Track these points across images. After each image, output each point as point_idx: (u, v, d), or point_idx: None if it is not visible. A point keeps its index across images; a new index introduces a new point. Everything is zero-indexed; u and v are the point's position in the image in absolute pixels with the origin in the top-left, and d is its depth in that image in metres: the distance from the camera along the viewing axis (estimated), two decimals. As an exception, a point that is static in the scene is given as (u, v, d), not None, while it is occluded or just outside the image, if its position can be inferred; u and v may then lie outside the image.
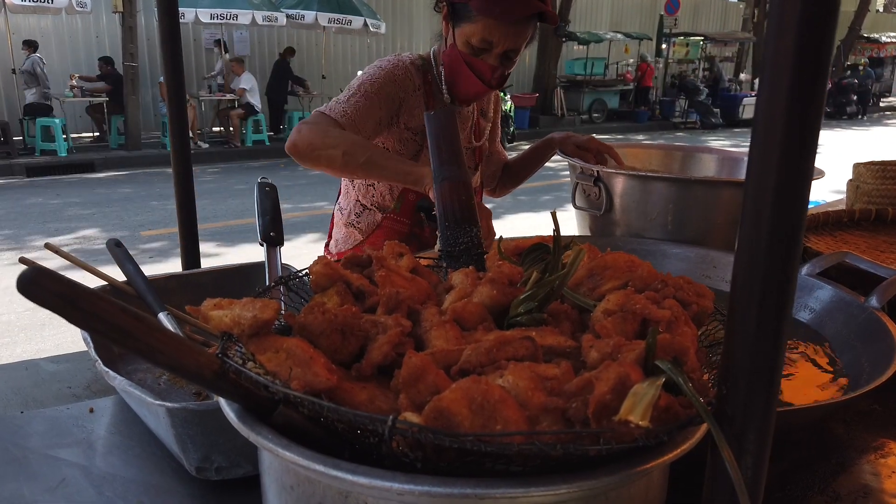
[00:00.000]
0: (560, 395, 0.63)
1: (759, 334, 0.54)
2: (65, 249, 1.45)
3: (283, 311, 0.89)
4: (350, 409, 0.60)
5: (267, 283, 1.10)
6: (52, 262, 1.43)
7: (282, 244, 1.32)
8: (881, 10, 33.73)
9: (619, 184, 2.01)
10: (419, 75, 1.92)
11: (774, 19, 0.52)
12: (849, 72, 25.59)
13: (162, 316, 1.27)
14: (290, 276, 0.98)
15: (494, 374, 0.68)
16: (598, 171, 2.01)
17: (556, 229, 0.85)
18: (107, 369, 1.11)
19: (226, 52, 13.95)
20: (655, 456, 0.62)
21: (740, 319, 0.55)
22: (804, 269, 1.74)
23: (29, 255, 1.38)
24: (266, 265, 1.27)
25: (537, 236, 1.06)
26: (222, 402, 0.72)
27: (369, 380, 0.76)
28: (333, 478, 0.61)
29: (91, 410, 1.26)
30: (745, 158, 2.00)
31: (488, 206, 1.65)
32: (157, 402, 0.99)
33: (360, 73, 1.95)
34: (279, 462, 0.71)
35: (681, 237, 1.96)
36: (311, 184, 10.35)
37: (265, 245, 1.30)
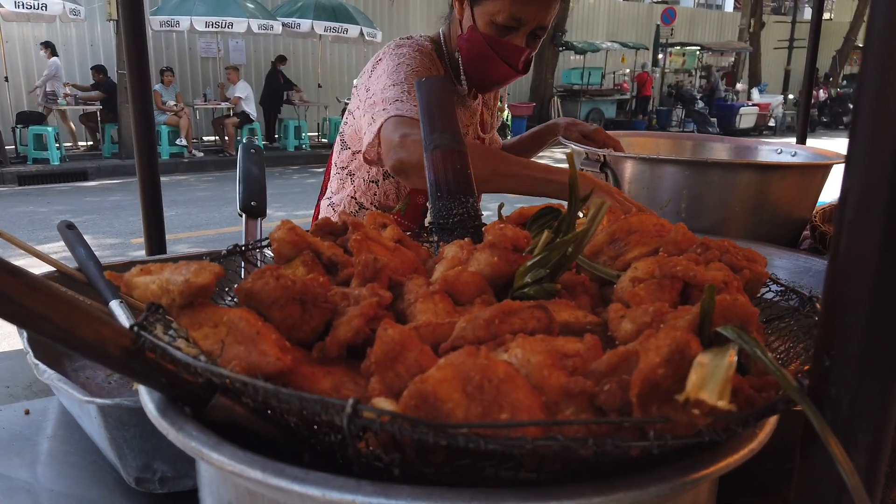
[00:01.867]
0: (587, 376, 0.47)
1: (884, 272, 0.37)
2: (53, 256, 1.28)
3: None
4: (295, 392, 0.44)
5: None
6: (39, 269, 1.27)
7: (264, 216, 1.15)
8: (876, 21, 33.85)
9: (627, 169, 1.85)
10: (440, 61, 1.76)
11: None
12: (845, 82, 25.62)
13: (114, 304, 1.10)
14: (248, 245, 0.82)
15: (497, 350, 0.52)
16: (604, 156, 1.85)
17: (573, 174, 0.69)
18: (37, 361, 0.94)
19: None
20: (716, 457, 0.46)
21: (852, 253, 0.38)
22: (833, 259, 1.58)
23: (21, 264, 1.22)
24: (244, 238, 1.10)
25: (545, 203, 0.90)
26: (142, 390, 0.56)
27: (336, 363, 0.59)
28: (276, 489, 0.44)
29: (27, 412, 1.09)
30: (759, 147, 1.84)
31: (485, 211, 1.47)
32: (86, 398, 0.82)
33: (385, 59, 1.70)
34: (215, 470, 0.54)
35: (696, 225, 1.78)
36: (305, 191, 10.19)
37: (244, 216, 1.12)
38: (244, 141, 1.21)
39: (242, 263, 0.84)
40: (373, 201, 1.85)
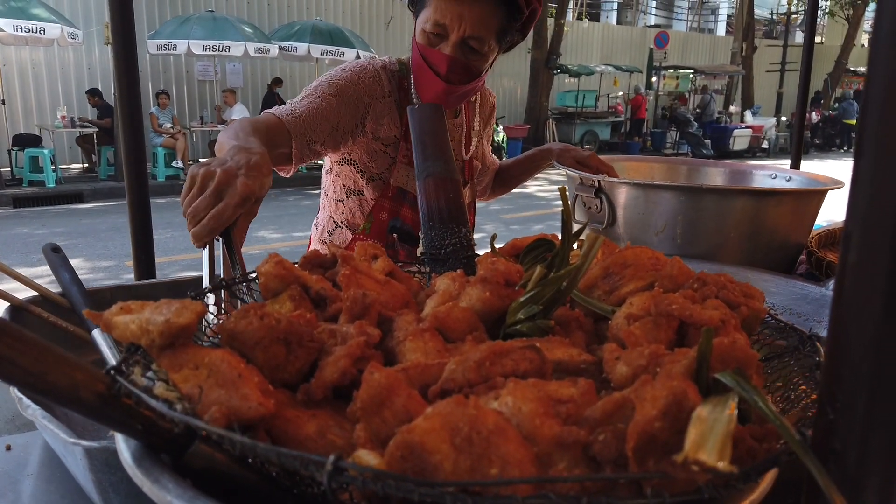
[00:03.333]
0: (581, 423, 0.45)
1: (891, 319, 0.35)
2: (45, 279, 1.27)
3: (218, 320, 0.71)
4: (273, 447, 0.42)
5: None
6: (22, 293, 1.25)
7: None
8: (865, 45, 34.47)
9: (622, 194, 1.85)
10: (391, 81, 1.74)
11: None
12: (837, 104, 25.92)
13: (97, 333, 1.08)
14: (233, 280, 0.80)
15: (488, 395, 0.50)
16: (599, 182, 1.84)
17: (566, 209, 0.67)
18: (20, 395, 0.92)
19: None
20: (716, 510, 0.44)
21: (857, 299, 0.37)
22: (830, 285, 1.57)
23: (5, 287, 1.21)
24: (222, 263, 1.06)
25: (539, 234, 0.89)
26: (118, 438, 0.54)
27: (322, 405, 0.57)
28: (255, 547, 0.42)
29: (8, 448, 1.06)
30: (753, 171, 1.83)
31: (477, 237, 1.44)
32: (72, 439, 0.79)
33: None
34: (193, 520, 0.52)
35: (691, 252, 1.79)
36: (301, 213, 10.18)
37: (220, 240, 1.05)
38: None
39: (227, 297, 0.82)
40: (342, 220, 1.85)
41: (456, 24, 1.52)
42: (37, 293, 1.21)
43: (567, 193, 0.70)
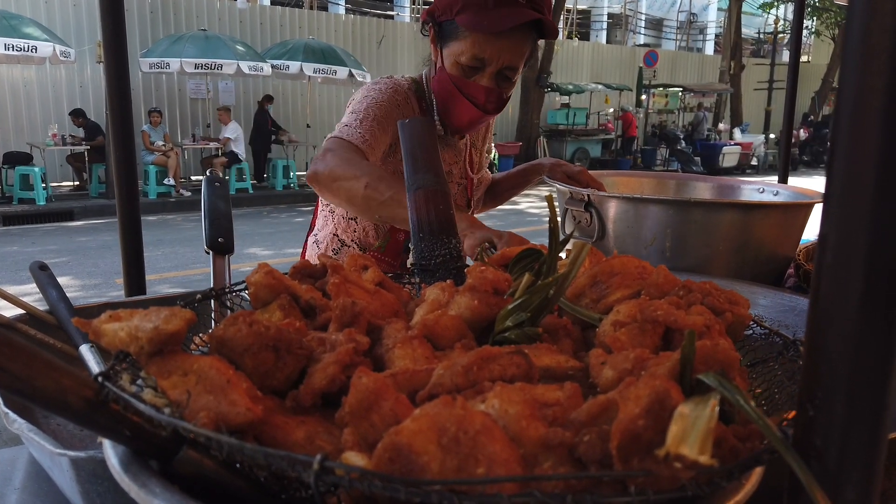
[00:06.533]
0: (566, 426, 0.45)
1: (866, 318, 0.36)
2: (34, 297, 1.26)
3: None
4: (260, 448, 0.42)
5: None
6: (9, 312, 1.25)
7: (231, 252, 1.14)
8: (851, 63, 34.88)
9: (611, 208, 1.86)
10: (416, 101, 1.77)
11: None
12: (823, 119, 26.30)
13: (84, 348, 1.07)
14: (223, 290, 0.80)
15: (475, 399, 0.50)
16: (588, 196, 1.86)
17: (553, 218, 0.68)
18: (6, 410, 0.91)
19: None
20: (701, 511, 0.44)
21: (833, 299, 0.37)
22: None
23: None
24: (212, 277, 1.08)
25: (528, 245, 0.89)
26: (106, 444, 0.53)
27: (310, 412, 0.57)
28: (242, 550, 0.42)
29: (-6, 463, 1.05)
30: (741, 186, 1.85)
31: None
32: (59, 450, 0.79)
33: (359, 94, 1.73)
34: (181, 527, 0.51)
35: (680, 265, 1.80)
36: (293, 230, 10.19)
37: (211, 253, 1.10)
38: (207, 173, 1.20)
39: (218, 307, 0.83)
40: (353, 238, 1.84)
41: (495, 57, 1.57)
42: (24, 311, 1.20)
43: (555, 202, 0.71)
